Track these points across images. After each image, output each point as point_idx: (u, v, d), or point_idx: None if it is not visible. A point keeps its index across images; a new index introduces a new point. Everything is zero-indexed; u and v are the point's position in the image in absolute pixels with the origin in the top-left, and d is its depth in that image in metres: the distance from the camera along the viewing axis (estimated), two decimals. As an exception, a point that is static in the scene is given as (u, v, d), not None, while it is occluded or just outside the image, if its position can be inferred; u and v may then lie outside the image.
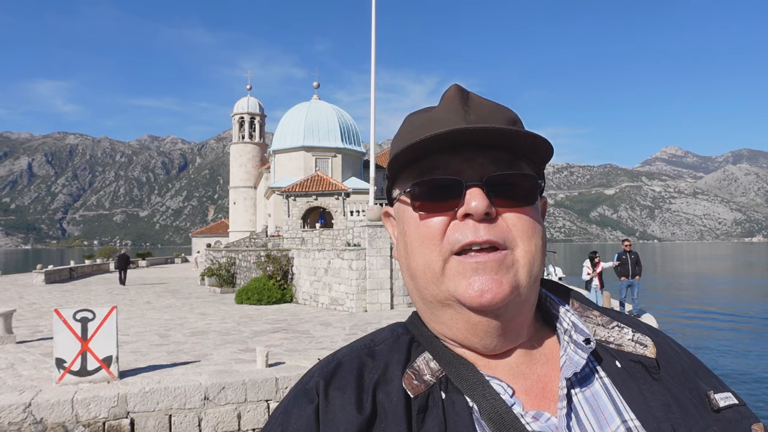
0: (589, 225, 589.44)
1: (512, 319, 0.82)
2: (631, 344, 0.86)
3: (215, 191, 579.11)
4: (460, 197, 0.80)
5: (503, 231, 0.80)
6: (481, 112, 0.83)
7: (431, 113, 0.85)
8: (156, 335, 13.12)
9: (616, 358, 0.85)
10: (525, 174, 0.83)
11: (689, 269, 74.07)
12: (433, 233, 0.81)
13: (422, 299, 0.86)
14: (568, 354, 0.84)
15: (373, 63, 23.87)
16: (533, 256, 0.81)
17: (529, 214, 0.82)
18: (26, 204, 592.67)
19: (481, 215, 0.78)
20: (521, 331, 0.85)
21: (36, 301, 22.34)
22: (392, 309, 17.35)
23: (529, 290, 0.82)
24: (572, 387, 0.81)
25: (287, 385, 8.59)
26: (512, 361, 0.85)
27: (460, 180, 0.80)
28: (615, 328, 0.88)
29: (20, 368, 9.56)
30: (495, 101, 0.87)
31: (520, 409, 0.79)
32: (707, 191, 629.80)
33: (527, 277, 0.80)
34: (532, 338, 0.88)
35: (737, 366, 16.59)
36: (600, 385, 0.82)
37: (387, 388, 0.80)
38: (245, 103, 69.14)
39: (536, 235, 0.82)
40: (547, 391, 0.82)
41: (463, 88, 0.86)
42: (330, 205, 39.29)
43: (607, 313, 0.92)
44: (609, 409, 0.79)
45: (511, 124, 0.84)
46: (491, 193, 0.80)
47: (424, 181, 0.83)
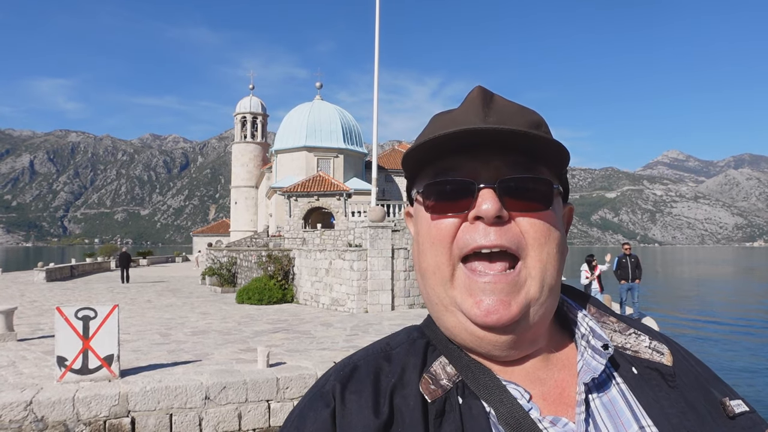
0: (590, 228, 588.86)
1: (524, 332, 0.81)
2: (648, 351, 0.86)
3: (216, 190, 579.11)
4: (472, 199, 0.79)
5: (515, 236, 0.79)
6: (502, 113, 0.81)
7: (452, 114, 0.85)
8: (157, 334, 13.12)
9: (633, 365, 0.85)
10: (540, 178, 0.82)
11: (690, 273, 73.99)
12: (444, 235, 0.81)
13: (429, 300, 0.86)
14: (585, 359, 0.83)
15: (377, 64, 23.84)
16: (545, 265, 0.80)
17: (544, 219, 0.81)
18: (28, 201, 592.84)
19: (491, 218, 0.77)
20: (536, 339, 0.85)
21: (37, 299, 22.35)
22: (393, 310, 17.33)
23: (542, 302, 0.81)
24: (589, 392, 0.81)
25: (288, 385, 8.59)
26: (529, 366, 0.84)
27: (472, 182, 0.79)
28: (632, 335, 0.88)
29: (21, 366, 9.56)
30: (520, 104, 0.85)
31: (537, 414, 0.78)
32: (709, 195, 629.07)
33: (539, 290, 0.79)
34: (549, 343, 0.87)
35: (741, 371, 16.57)
36: (617, 390, 0.82)
37: (404, 392, 0.80)
38: (248, 103, 69.13)
39: (550, 242, 0.81)
40: (564, 396, 0.82)
41: (486, 90, 0.84)
42: (331, 206, 39.28)
43: (623, 319, 0.92)
44: (626, 415, 0.79)
45: (534, 126, 0.82)
46: (504, 196, 0.79)
47: (436, 182, 0.82)
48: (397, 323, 14.37)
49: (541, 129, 0.83)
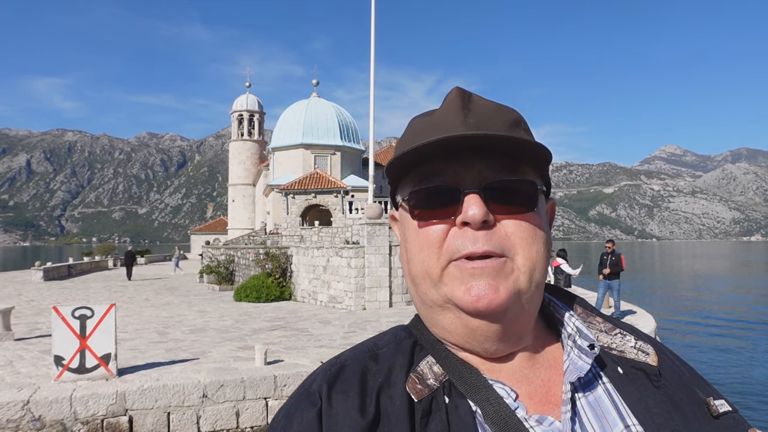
0: (587, 223, 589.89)
1: (512, 323, 0.81)
2: (633, 351, 0.86)
3: (214, 189, 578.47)
4: (458, 204, 0.79)
5: (501, 239, 0.79)
6: (481, 114, 0.81)
7: (432, 117, 0.84)
8: (155, 333, 13.12)
9: (618, 365, 0.85)
10: (524, 180, 0.82)
11: (687, 268, 74.18)
12: (432, 241, 0.81)
13: (423, 304, 0.85)
14: (571, 359, 0.83)
15: (373, 61, 23.83)
16: (534, 263, 0.80)
17: (529, 220, 0.81)
18: (25, 201, 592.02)
19: (478, 224, 0.78)
20: (522, 335, 0.85)
21: (34, 298, 22.33)
22: (391, 307, 17.35)
23: (530, 296, 0.81)
24: (576, 391, 0.81)
25: (286, 383, 8.60)
26: (516, 365, 0.85)
27: (458, 187, 0.80)
28: (618, 335, 0.89)
29: (18, 365, 9.55)
30: (498, 102, 0.86)
31: (523, 413, 0.79)
32: (706, 190, 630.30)
33: (528, 283, 0.80)
34: (536, 342, 0.87)
35: (735, 369, 16.63)
36: (603, 390, 0.82)
37: (390, 392, 0.80)
38: (244, 101, 69.09)
39: (537, 242, 0.81)
40: (550, 396, 0.82)
41: (464, 91, 0.84)
42: (329, 203, 39.25)
43: (609, 320, 0.92)
44: (612, 414, 0.79)
45: (514, 125, 0.83)
46: (489, 199, 0.79)
47: (421, 189, 0.82)
48: (394, 320, 14.38)
49: (521, 126, 0.84)
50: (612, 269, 14.99)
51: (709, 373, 15.20)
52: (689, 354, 17.61)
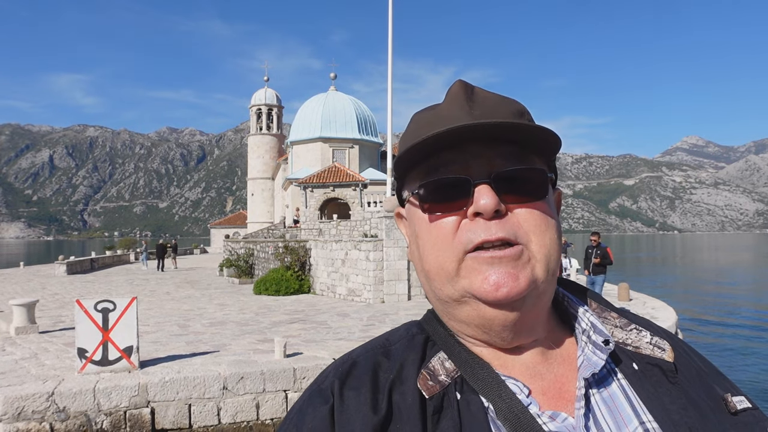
0: (608, 216, 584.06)
1: (528, 312, 0.80)
2: (649, 347, 0.85)
3: (233, 182, 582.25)
4: (468, 196, 0.78)
5: (515, 227, 0.78)
6: (485, 106, 0.81)
7: (436, 110, 0.84)
8: (175, 325, 13.27)
9: (634, 361, 0.84)
10: (533, 168, 0.81)
11: (710, 261, 73.15)
12: (445, 234, 0.80)
13: (438, 299, 0.85)
14: (586, 354, 0.83)
15: (390, 53, 23.74)
16: (549, 250, 0.80)
17: (540, 208, 0.81)
18: (48, 196, 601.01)
19: (490, 213, 0.77)
20: (536, 325, 0.84)
21: (58, 291, 22.69)
22: (409, 300, 17.35)
23: (546, 285, 0.80)
24: (590, 387, 0.80)
25: (305, 376, 8.65)
26: (529, 361, 0.84)
27: (468, 178, 0.79)
28: (633, 331, 0.88)
29: (43, 358, 9.72)
30: (501, 94, 0.85)
31: (536, 409, 0.78)
32: (729, 181, 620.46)
33: (544, 271, 0.79)
34: (549, 338, 0.87)
35: (759, 365, 16.39)
36: (617, 386, 0.81)
37: (402, 388, 0.79)
38: (263, 95, 69.29)
39: (550, 229, 0.81)
40: (564, 392, 0.81)
41: (467, 83, 0.84)
42: (347, 196, 39.35)
43: (625, 315, 0.91)
44: (627, 411, 0.78)
45: (518, 116, 0.82)
46: (500, 189, 0.78)
47: (431, 181, 0.81)
48: (413, 313, 14.38)
49: (525, 117, 0.84)
50: (602, 261, 14.39)
51: (732, 369, 15.00)
52: (711, 348, 17.39)
